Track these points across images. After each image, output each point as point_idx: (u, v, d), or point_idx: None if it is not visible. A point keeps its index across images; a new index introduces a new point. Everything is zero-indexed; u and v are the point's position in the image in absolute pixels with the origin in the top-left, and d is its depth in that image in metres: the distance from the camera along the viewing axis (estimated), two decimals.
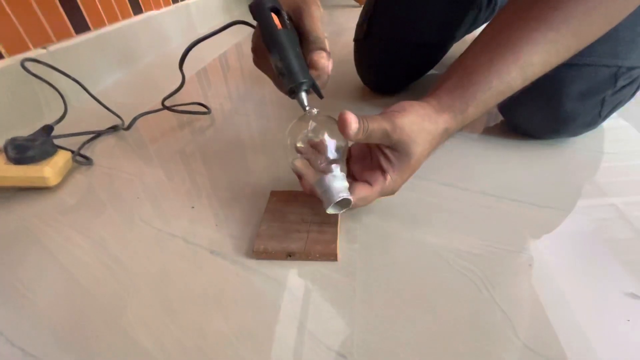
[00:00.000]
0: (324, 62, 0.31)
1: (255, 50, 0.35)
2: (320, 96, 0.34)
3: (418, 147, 0.31)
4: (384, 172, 0.32)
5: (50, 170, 0.42)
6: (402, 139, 0.30)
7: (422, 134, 0.31)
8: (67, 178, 0.46)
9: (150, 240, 0.37)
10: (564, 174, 0.43)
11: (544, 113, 0.45)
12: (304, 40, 0.33)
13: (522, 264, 0.32)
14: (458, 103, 0.32)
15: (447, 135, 0.33)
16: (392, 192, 0.34)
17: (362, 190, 0.32)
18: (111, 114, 0.59)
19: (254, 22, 0.35)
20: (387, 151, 0.32)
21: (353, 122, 0.28)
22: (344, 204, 0.31)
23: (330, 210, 0.31)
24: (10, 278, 0.33)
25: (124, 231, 0.38)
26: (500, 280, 0.31)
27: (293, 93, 0.31)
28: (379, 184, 0.32)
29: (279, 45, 0.30)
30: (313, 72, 0.32)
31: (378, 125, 0.29)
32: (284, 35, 0.30)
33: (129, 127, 0.57)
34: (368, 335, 0.27)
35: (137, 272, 0.33)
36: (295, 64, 0.30)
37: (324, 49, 0.32)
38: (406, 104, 0.32)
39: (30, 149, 0.41)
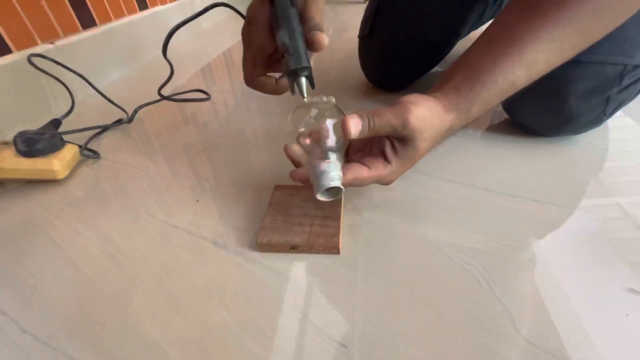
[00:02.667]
0: (323, 41, 0.30)
1: (251, 19, 0.33)
2: (313, 86, 0.33)
3: (424, 142, 0.31)
4: (386, 159, 0.32)
5: (58, 163, 0.43)
6: (412, 134, 0.30)
7: (430, 130, 0.31)
8: (74, 171, 0.47)
9: (155, 233, 0.37)
10: (567, 172, 0.43)
11: (548, 111, 0.45)
12: (304, 25, 0.32)
13: (523, 259, 0.32)
14: (463, 102, 0.32)
15: (450, 132, 0.33)
16: (389, 182, 0.34)
17: (358, 170, 0.31)
18: (116, 109, 0.59)
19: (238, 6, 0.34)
20: (395, 141, 0.32)
21: (353, 127, 0.28)
22: (334, 192, 0.31)
23: (320, 197, 0.31)
24: (20, 268, 0.34)
25: (130, 223, 0.39)
26: (501, 275, 0.31)
27: (293, 76, 0.30)
28: (378, 169, 0.32)
29: (291, 24, 0.30)
30: (310, 54, 0.31)
31: (386, 121, 0.29)
32: (296, 15, 0.30)
33: (130, 120, 0.58)
34: (369, 326, 0.28)
35: (142, 264, 0.34)
36: (302, 45, 0.30)
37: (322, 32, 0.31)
38: (420, 97, 0.32)
39: (39, 142, 0.42)
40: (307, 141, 0.32)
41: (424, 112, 0.30)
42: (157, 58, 0.91)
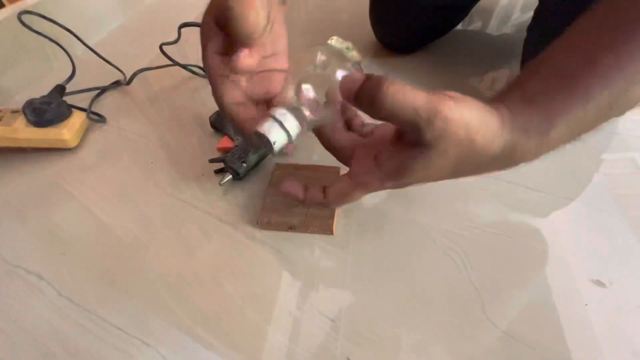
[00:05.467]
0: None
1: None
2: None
3: (442, 159, 0.21)
4: (377, 160, 0.25)
5: (68, 133, 0.44)
6: (434, 137, 0.20)
7: (462, 146, 0.21)
8: (84, 137, 0.49)
9: (165, 207, 0.40)
10: (568, 162, 0.43)
11: None
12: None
13: (503, 247, 0.35)
14: (537, 117, 0.21)
15: (509, 161, 0.23)
16: (367, 192, 0.26)
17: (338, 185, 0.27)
18: (117, 64, 0.58)
19: None
20: (404, 140, 0.24)
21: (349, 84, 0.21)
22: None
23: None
24: (50, 225, 0.39)
25: (142, 197, 0.42)
26: (480, 262, 0.34)
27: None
28: (358, 177, 0.26)
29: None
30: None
31: (410, 101, 0.19)
32: None
33: (129, 82, 0.57)
34: (354, 303, 0.32)
35: (156, 237, 0.37)
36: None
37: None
38: (467, 98, 0.21)
39: (47, 112, 0.43)
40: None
41: (467, 116, 0.20)
42: (154, 3, 0.85)
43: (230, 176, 0.40)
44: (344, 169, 0.29)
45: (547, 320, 0.30)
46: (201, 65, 0.59)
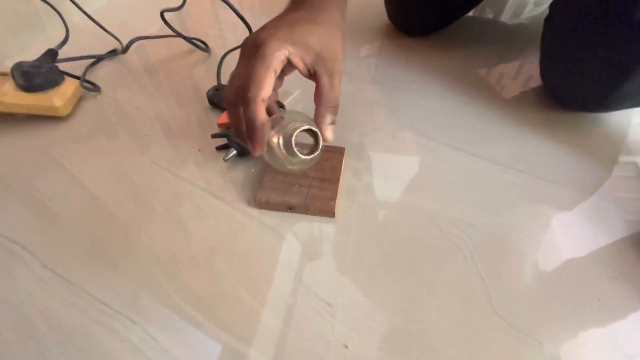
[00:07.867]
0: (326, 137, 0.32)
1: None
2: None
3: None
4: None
5: (59, 100, 0.42)
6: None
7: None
8: (77, 106, 0.46)
9: (159, 182, 0.38)
10: (583, 152, 0.41)
11: (597, 90, 0.40)
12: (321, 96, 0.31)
13: (513, 238, 0.33)
14: None
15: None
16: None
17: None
18: (114, 33, 0.55)
19: None
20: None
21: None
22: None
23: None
24: (38, 195, 0.37)
25: (136, 170, 0.40)
26: (488, 252, 0.32)
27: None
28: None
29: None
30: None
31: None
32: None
33: (125, 50, 0.55)
34: (354, 288, 0.30)
35: (150, 212, 0.36)
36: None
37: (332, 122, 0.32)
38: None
39: (36, 76, 0.41)
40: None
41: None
42: None
43: (235, 152, 0.39)
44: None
45: (554, 315, 0.29)
46: (203, 38, 0.58)
